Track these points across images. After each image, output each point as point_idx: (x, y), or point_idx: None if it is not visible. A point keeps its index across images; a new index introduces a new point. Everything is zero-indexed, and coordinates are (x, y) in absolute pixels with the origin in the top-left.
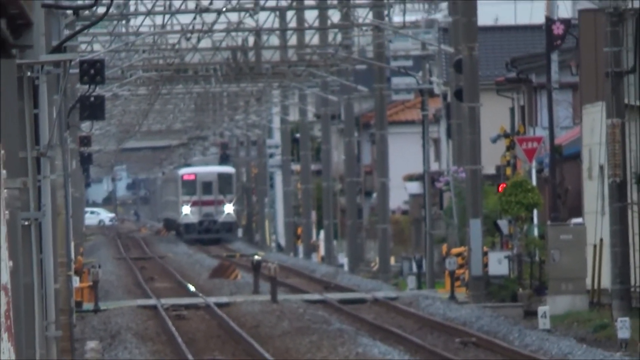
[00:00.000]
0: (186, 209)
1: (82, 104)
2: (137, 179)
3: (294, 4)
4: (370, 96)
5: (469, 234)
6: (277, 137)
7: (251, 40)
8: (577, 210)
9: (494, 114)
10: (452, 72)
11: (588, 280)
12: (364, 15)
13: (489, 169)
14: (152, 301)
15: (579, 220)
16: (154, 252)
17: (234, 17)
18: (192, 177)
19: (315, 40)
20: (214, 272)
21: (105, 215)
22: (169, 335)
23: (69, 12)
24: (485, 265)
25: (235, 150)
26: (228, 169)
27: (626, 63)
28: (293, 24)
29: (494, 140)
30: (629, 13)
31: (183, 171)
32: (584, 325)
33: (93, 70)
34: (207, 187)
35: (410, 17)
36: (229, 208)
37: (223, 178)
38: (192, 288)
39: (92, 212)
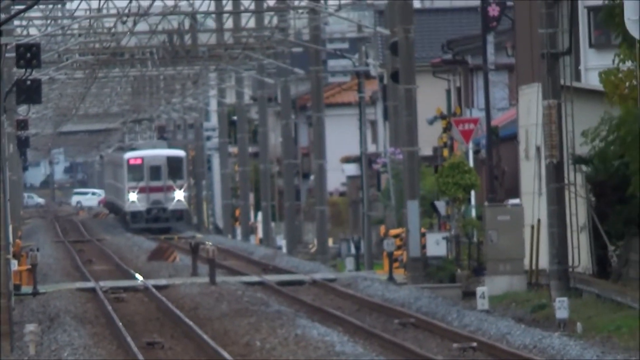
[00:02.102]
0: (133, 196)
1: (18, 88)
2: (74, 163)
3: None
4: (307, 78)
5: (406, 215)
6: (214, 120)
7: (187, 23)
8: (514, 191)
9: (431, 95)
10: (388, 54)
11: (526, 261)
12: None
13: (426, 150)
14: (90, 284)
15: (516, 201)
16: (92, 235)
17: (170, 0)
18: (138, 162)
19: (252, 23)
20: (153, 254)
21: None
22: (108, 317)
23: None
24: (423, 246)
25: (173, 133)
26: (178, 152)
27: (562, 44)
28: (229, 7)
29: (431, 122)
30: None
31: (129, 155)
32: (522, 306)
33: (29, 54)
34: (155, 172)
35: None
36: (179, 195)
37: (173, 162)
38: (139, 278)
39: (93, 194)
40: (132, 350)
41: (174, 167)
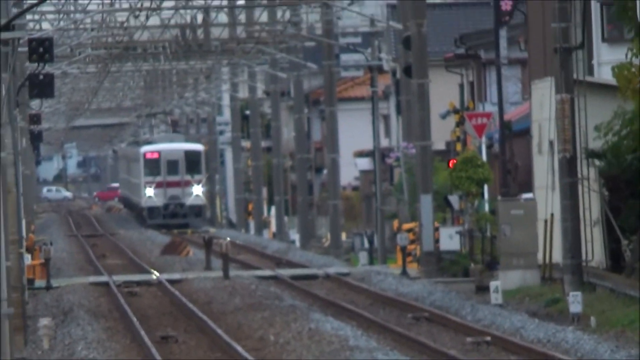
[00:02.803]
0: (150, 191)
1: (31, 82)
2: (87, 157)
3: None
4: (320, 73)
5: (419, 209)
6: (227, 114)
7: (200, 17)
8: (528, 185)
9: (443, 90)
10: (401, 49)
11: (539, 255)
12: None
13: (438, 144)
14: (104, 278)
15: (529, 195)
16: (106, 229)
17: None
18: (155, 156)
19: (264, 17)
20: (166, 248)
21: None
22: (122, 311)
23: None
24: (437, 240)
25: (185, 127)
26: (196, 146)
27: (574, 39)
28: (242, 1)
29: (444, 116)
30: None
31: (145, 148)
32: (535, 300)
33: (42, 49)
34: (172, 166)
35: None
36: (197, 190)
37: (190, 156)
38: (155, 274)
39: None
40: (145, 345)
41: (192, 161)
